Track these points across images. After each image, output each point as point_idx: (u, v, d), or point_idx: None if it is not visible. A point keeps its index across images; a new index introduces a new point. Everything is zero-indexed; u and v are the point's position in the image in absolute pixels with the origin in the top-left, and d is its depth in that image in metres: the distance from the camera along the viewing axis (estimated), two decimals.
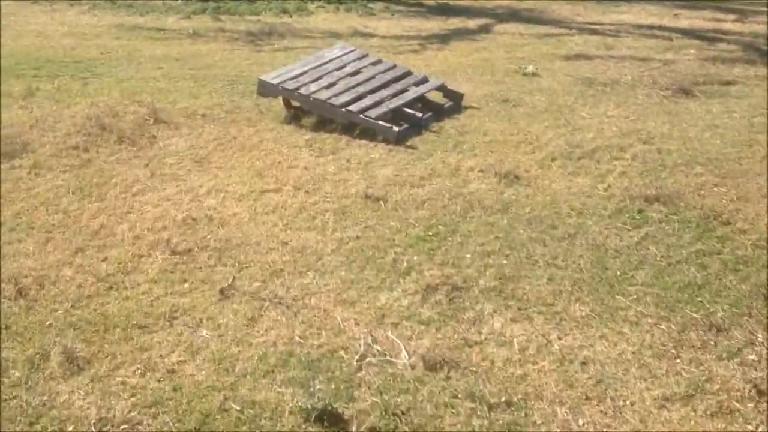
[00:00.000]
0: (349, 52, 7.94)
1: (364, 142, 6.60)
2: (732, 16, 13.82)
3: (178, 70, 9.15)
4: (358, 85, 7.26)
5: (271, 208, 5.38)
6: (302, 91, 6.99)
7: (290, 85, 7.04)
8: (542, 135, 6.67)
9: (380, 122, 6.65)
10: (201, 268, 4.59)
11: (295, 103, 7.18)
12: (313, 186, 5.73)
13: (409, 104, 7.16)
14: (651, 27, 12.73)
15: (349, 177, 5.89)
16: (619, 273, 4.40)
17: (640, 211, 5.15)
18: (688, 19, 13.68)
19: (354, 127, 6.79)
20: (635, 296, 4.16)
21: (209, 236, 4.96)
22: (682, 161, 5.93)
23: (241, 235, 4.99)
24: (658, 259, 4.55)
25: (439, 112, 7.35)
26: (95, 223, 5.13)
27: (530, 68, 9.13)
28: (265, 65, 9.44)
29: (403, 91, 7.36)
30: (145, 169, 6.04)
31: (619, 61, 9.77)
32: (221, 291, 4.29)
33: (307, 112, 7.06)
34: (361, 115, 6.72)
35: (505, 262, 4.57)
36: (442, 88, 7.71)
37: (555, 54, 10.40)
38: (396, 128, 6.61)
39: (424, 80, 7.71)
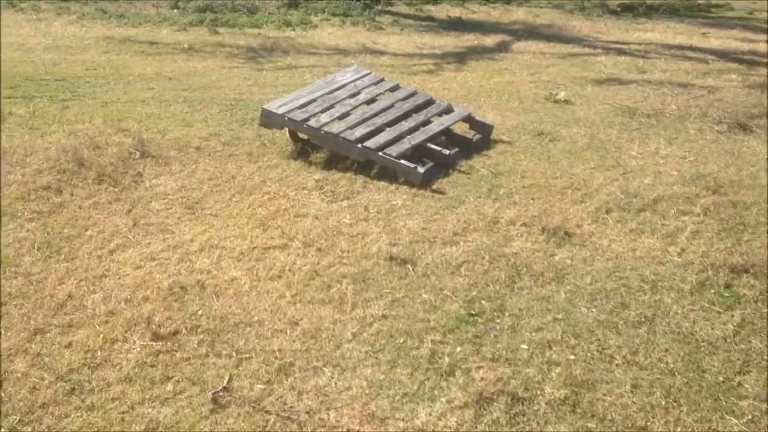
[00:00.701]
0: (363, 76, 7.02)
1: (383, 183, 5.68)
2: (764, 36, 12.97)
3: (171, 91, 8.22)
4: (374, 115, 6.35)
5: (277, 272, 4.45)
6: (312, 122, 6.06)
7: (298, 116, 6.11)
8: (590, 179, 5.76)
9: (403, 162, 5.73)
10: (189, 359, 3.65)
11: (303, 136, 6.26)
12: (327, 242, 4.80)
13: (433, 138, 6.24)
14: (681, 47, 11.88)
15: (369, 230, 4.97)
16: (721, 378, 3.47)
17: (727, 286, 4.23)
18: (719, 39, 12.83)
19: (371, 166, 5.87)
20: (749, 416, 3.23)
21: (201, 312, 4.03)
22: (765, 219, 5.02)
23: (240, 310, 4.05)
24: (766, 357, 3.63)
25: (467, 148, 6.43)
26: (61, 292, 4.19)
27: (562, 94, 8.23)
28: (267, 87, 8.53)
29: (426, 122, 6.45)
30: (126, 217, 5.10)
31: (657, 87, 8.88)
32: (214, 398, 3.35)
33: (316, 147, 6.14)
34: (380, 153, 5.79)
35: (572, 357, 3.64)
36: (468, 119, 6.81)
37: (584, 77, 9.52)
38: (421, 169, 5.69)
39: (449, 109, 6.80)
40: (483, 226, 5.03)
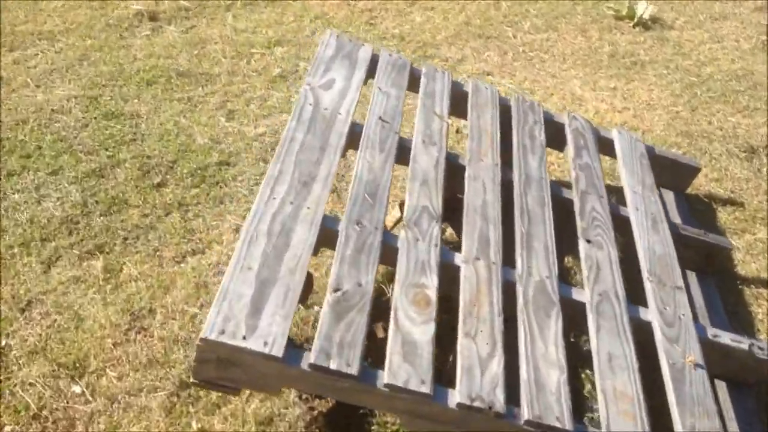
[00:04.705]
0: (434, 80, 2.35)
1: None
2: None
3: None
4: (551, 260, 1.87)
5: None
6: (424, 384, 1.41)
7: (348, 361, 1.41)
8: None
9: None
10: None
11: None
12: None
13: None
14: None
15: None
16: None
17: None
18: None
19: None
20: None
21: None
22: None
23: None
24: None
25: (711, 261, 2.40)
26: None
27: (646, 7, 4.17)
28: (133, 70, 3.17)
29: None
30: None
31: None
32: None
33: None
34: None
35: None
36: (650, 154, 2.65)
37: None
38: None
39: (597, 135, 2.58)
40: None
